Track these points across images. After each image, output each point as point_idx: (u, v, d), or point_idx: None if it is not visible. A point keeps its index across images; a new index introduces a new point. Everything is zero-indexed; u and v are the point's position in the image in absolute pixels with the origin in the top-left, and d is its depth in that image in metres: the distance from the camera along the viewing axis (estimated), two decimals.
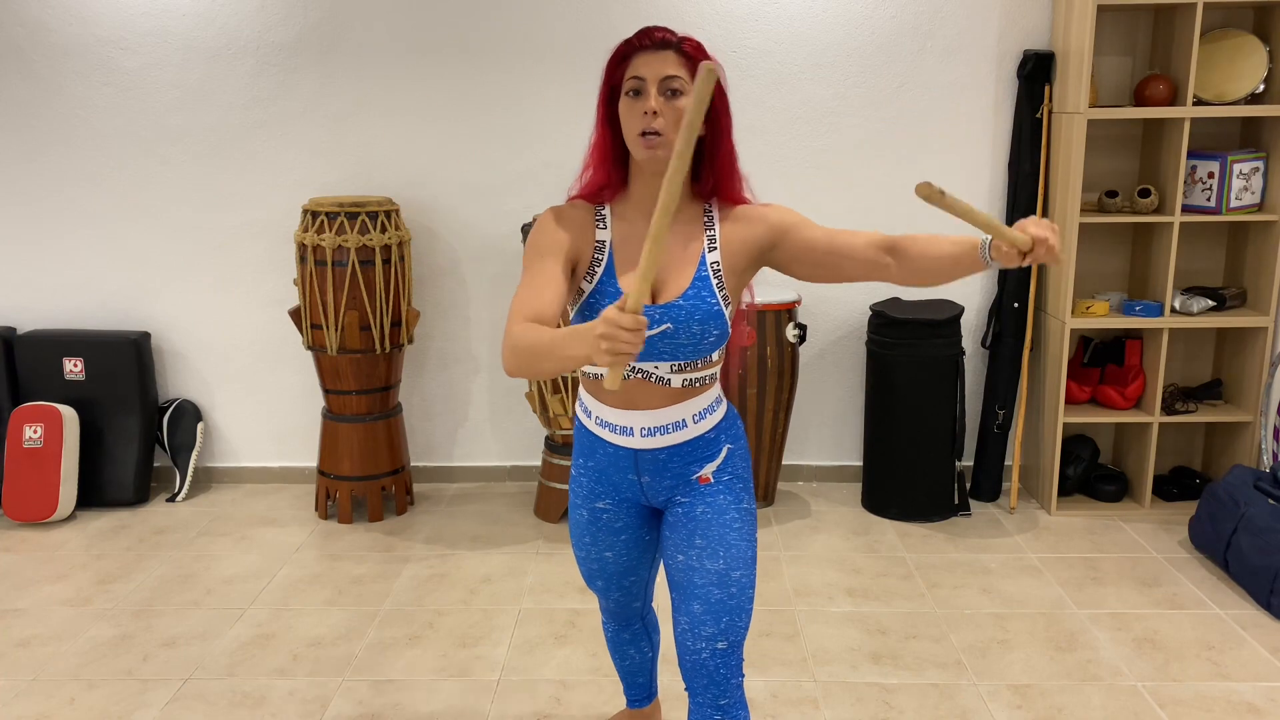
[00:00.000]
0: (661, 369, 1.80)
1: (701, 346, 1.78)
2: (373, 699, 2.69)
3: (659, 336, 1.74)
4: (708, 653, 1.81)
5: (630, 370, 1.79)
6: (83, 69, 3.92)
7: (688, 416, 1.85)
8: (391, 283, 3.70)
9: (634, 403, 1.84)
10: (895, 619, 3.09)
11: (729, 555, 1.83)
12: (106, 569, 3.47)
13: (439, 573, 3.43)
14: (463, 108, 3.93)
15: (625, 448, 1.88)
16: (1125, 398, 3.83)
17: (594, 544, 2.04)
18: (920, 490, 3.81)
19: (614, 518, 2.00)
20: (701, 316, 1.75)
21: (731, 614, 1.82)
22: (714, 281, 1.77)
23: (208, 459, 4.24)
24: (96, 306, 4.12)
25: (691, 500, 1.88)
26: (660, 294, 1.77)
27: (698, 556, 1.84)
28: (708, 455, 1.89)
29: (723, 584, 1.81)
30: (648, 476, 1.91)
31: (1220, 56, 3.61)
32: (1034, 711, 2.62)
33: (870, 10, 3.83)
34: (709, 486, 1.88)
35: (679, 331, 1.75)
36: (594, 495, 1.99)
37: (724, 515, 1.86)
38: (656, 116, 1.68)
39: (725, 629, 1.81)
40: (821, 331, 4.05)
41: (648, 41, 1.71)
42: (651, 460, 1.88)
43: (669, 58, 1.70)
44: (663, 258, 1.59)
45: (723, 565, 1.82)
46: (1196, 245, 3.90)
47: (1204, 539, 3.46)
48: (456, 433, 4.23)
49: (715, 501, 1.87)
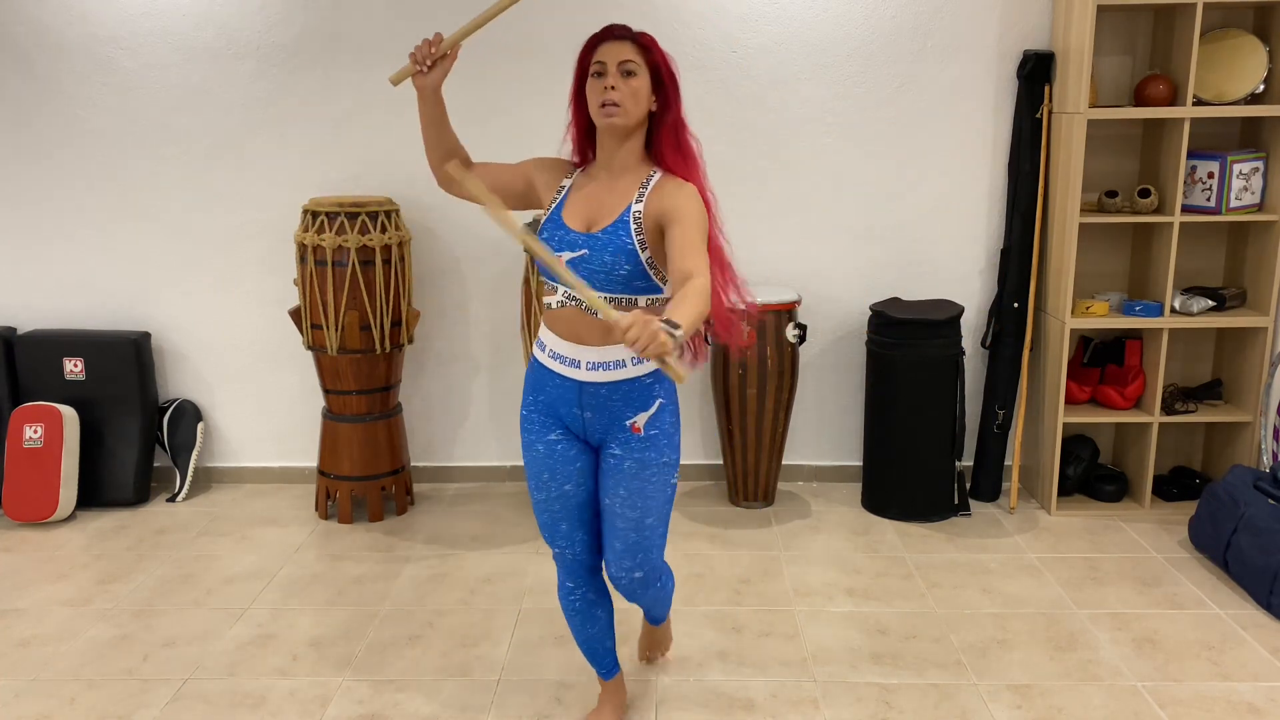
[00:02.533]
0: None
1: (614, 277, 2.07)
2: (373, 699, 2.70)
3: (579, 262, 2.08)
4: (627, 580, 2.28)
5: (566, 298, 2.13)
6: (83, 69, 3.92)
7: (626, 358, 2.13)
8: (391, 283, 3.70)
9: (579, 336, 2.14)
10: (895, 619, 3.09)
11: (644, 505, 2.21)
12: (106, 569, 3.47)
13: (439, 573, 3.43)
14: (463, 107, 3.90)
15: (571, 379, 2.17)
16: (1125, 398, 3.83)
17: (553, 478, 2.26)
18: (920, 490, 3.81)
19: (568, 447, 2.25)
20: (614, 249, 2.07)
21: (645, 551, 2.25)
22: (633, 226, 2.08)
23: (208, 459, 4.24)
24: (96, 306, 4.13)
25: (622, 453, 2.19)
26: (591, 227, 2.12)
27: (619, 504, 2.21)
28: (642, 402, 2.18)
29: (638, 529, 2.22)
30: (589, 412, 2.19)
31: (1220, 56, 3.62)
32: (1034, 711, 2.62)
33: (870, 10, 3.83)
34: (637, 440, 2.18)
35: (592, 258, 2.07)
36: (545, 428, 2.25)
37: (645, 470, 2.19)
38: (614, 90, 2.06)
39: (640, 563, 2.26)
40: (821, 331, 4.05)
41: (610, 35, 2.11)
42: (593, 395, 2.17)
43: (626, 46, 2.09)
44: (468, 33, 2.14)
45: (638, 514, 2.21)
46: (1196, 245, 3.90)
47: (1204, 539, 3.46)
48: (456, 433, 4.23)
49: (641, 456, 2.18)
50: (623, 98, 2.06)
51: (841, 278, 4.02)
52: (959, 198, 3.96)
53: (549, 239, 2.13)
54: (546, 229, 2.16)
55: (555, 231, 2.13)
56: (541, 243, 2.08)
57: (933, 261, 4.01)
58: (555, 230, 2.13)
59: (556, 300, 2.16)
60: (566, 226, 2.13)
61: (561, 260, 2.05)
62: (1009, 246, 3.89)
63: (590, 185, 2.17)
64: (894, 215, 3.97)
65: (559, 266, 1.90)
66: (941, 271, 4.02)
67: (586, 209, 2.14)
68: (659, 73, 2.11)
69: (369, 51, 3.88)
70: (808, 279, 4.01)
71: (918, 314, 3.71)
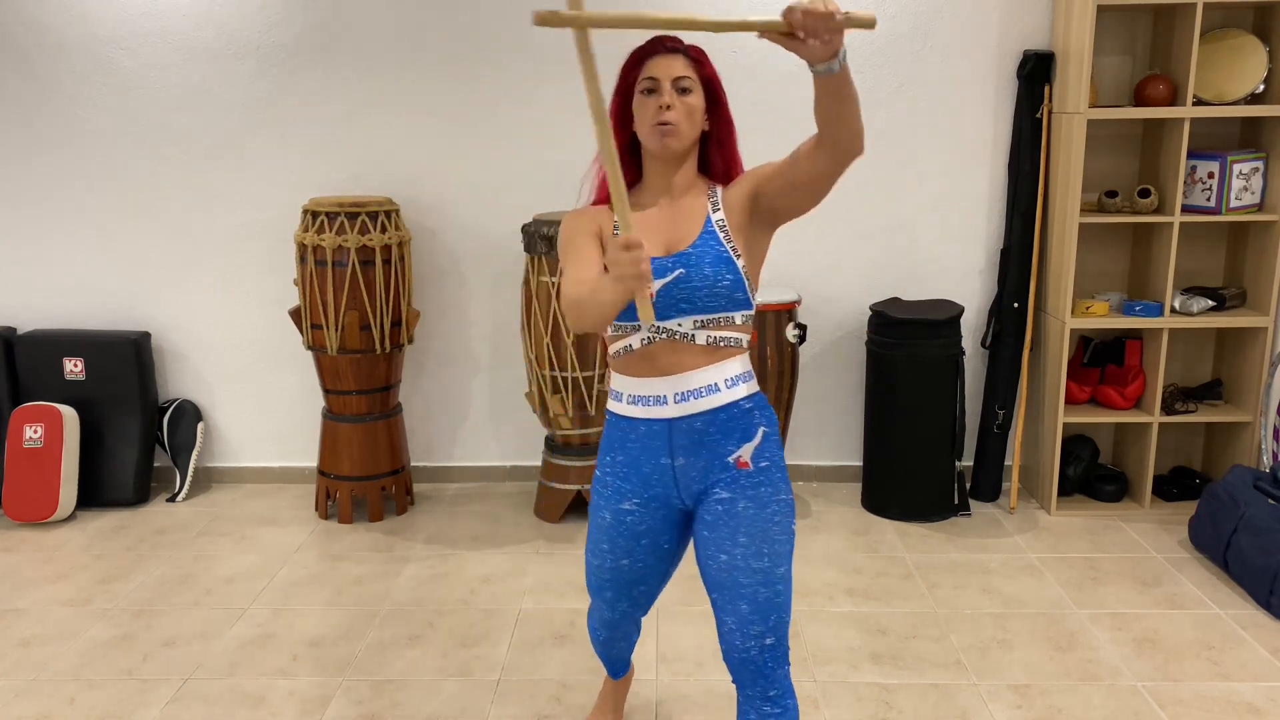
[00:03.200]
0: (685, 324, 1.87)
1: (716, 291, 1.86)
2: (373, 699, 2.70)
3: (675, 285, 1.85)
4: (756, 649, 1.87)
5: (655, 331, 1.88)
6: (83, 69, 3.92)
7: (719, 380, 1.89)
8: (392, 283, 3.70)
9: (664, 369, 1.90)
10: (895, 619, 3.09)
11: (773, 552, 1.88)
12: (106, 569, 3.47)
13: (439, 573, 3.43)
14: (463, 107, 3.93)
15: (659, 420, 1.91)
16: (1125, 398, 3.83)
17: (611, 550, 2.05)
18: (920, 490, 3.81)
19: (638, 520, 2.01)
20: (712, 260, 1.86)
21: (778, 610, 1.88)
22: (720, 234, 1.89)
23: (208, 459, 4.24)
24: (96, 306, 4.13)
25: (733, 495, 1.90)
26: (672, 248, 1.90)
27: (743, 555, 1.87)
28: (743, 432, 1.92)
29: (768, 582, 1.87)
30: (682, 458, 1.93)
31: (1220, 56, 3.62)
32: (1034, 711, 2.62)
33: (870, 10, 3.83)
34: (747, 476, 1.91)
35: (692, 275, 1.85)
36: (620, 495, 2.00)
37: (766, 509, 1.89)
38: (670, 109, 1.86)
39: (773, 626, 1.87)
40: (821, 331, 4.05)
41: (660, 48, 1.90)
42: (686, 432, 1.91)
43: (679, 61, 1.89)
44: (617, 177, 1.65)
45: (768, 564, 1.87)
46: (1196, 245, 3.90)
47: (1204, 539, 3.46)
48: (456, 433, 4.23)
49: (757, 495, 1.90)
50: (679, 117, 1.86)
51: (841, 278, 4.02)
52: (959, 198, 3.96)
53: None
54: None
55: None
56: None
57: (933, 261, 4.01)
58: None
59: (641, 338, 1.90)
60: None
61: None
62: (1009, 246, 3.89)
63: (647, 213, 1.94)
64: (894, 215, 3.97)
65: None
66: (941, 271, 4.02)
67: (658, 234, 1.91)
68: (713, 88, 1.93)
69: (369, 51, 3.88)
70: (808, 279, 4.01)
71: (918, 314, 3.71)
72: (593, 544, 2.09)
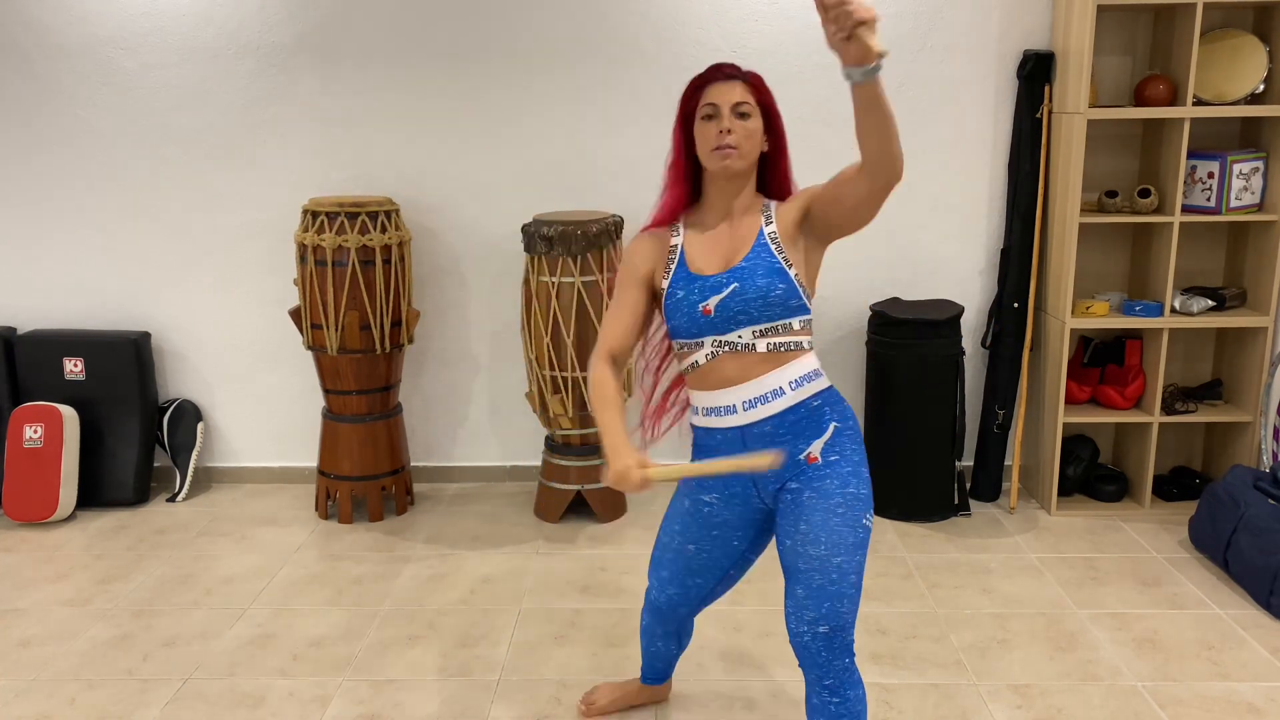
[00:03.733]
0: (745, 335, 1.99)
1: (770, 301, 1.98)
2: (373, 699, 2.70)
3: (731, 299, 1.98)
4: (809, 635, 1.96)
5: (718, 346, 2.01)
6: (83, 69, 3.92)
7: (783, 384, 2.00)
8: (391, 283, 3.70)
9: (729, 379, 2.02)
10: (895, 619, 3.09)
11: (830, 541, 1.96)
12: (106, 569, 3.47)
13: (439, 573, 3.43)
14: (463, 108, 3.93)
15: (731, 428, 2.03)
16: (1125, 398, 3.83)
17: (683, 533, 2.19)
18: (920, 490, 3.81)
19: (714, 512, 2.14)
20: (765, 271, 1.98)
21: (833, 599, 1.95)
22: (772, 247, 2.01)
23: (208, 459, 4.25)
24: (96, 306, 4.13)
25: (800, 485, 2.02)
26: (726, 265, 2.02)
27: (801, 542, 1.99)
28: (814, 429, 2.02)
29: (823, 570, 1.95)
30: None
31: (1220, 56, 3.62)
32: (1034, 711, 2.62)
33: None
34: (816, 469, 2.01)
35: (746, 288, 1.97)
36: (703, 487, 2.14)
37: (828, 500, 1.99)
38: (730, 134, 1.98)
39: (826, 614, 1.94)
40: (821, 331, 4.05)
41: (719, 75, 2.03)
42: (758, 437, 2.02)
43: (737, 87, 2.01)
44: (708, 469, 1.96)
45: (824, 551, 1.96)
46: (1196, 245, 3.90)
47: (1204, 539, 3.46)
48: (456, 433, 4.23)
49: (822, 486, 2.00)
50: (739, 140, 1.99)
51: (841, 277, 4.01)
52: (959, 198, 3.96)
53: (688, 296, 2.01)
54: (681, 287, 2.03)
55: (692, 284, 2.01)
56: (734, 460, 1.96)
57: (933, 261, 4.01)
58: (691, 284, 2.01)
59: (706, 354, 2.03)
60: (698, 275, 2.02)
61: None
62: (1009, 246, 3.89)
63: (709, 233, 2.07)
64: (894, 215, 3.97)
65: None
66: (941, 271, 4.02)
67: (716, 253, 2.04)
68: (769, 113, 2.06)
69: (369, 51, 3.88)
70: None
71: (918, 314, 3.71)
72: (667, 523, 2.25)
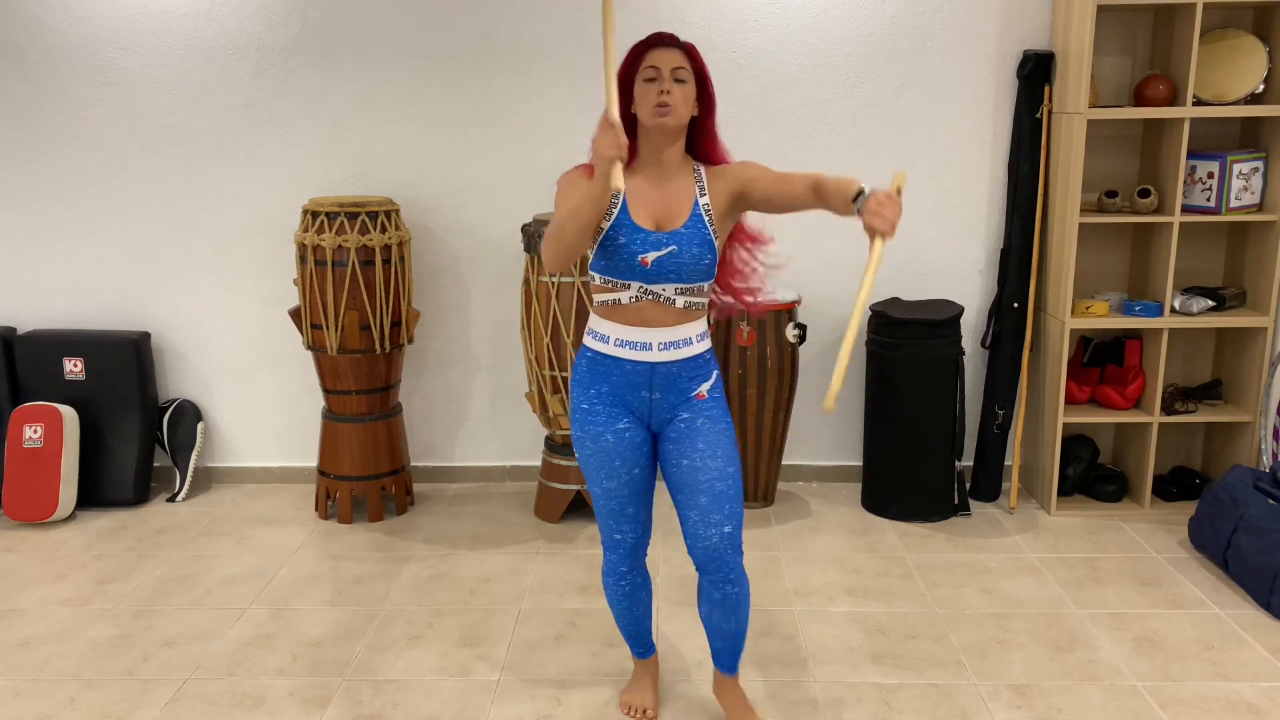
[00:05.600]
0: (668, 290, 2.24)
1: (699, 268, 2.24)
2: (373, 699, 2.70)
3: (667, 259, 2.22)
4: (717, 537, 2.27)
5: (644, 292, 2.25)
6: (83, 69, 3.92)
7: (692, 335, 2.30)
8: (391, 283, 3.70)
9: (649, 321, 2.27)
10: (895, 619, 3.09)
11: (725, 455, 2.29)
12: (106, 569, 3.47)
13: (439, 573, 3.43)
14: (463, 108, 3.93)
15: (643, 362, 2.28)
16: (1125, 398, 3.83)
17: (624, 464, 2.33)
18: (920, 490, 3.81)
19: (635, 433, 2.33)
20: (699, 241, 2.24)
21: (731, 501, 2.28)
22: (705, 218, 2.27)
23: (208, 459, 4.24)
24: (96, 306, 4.13)
25: (691, 415, 2.31)
26: (666, 226, 2.25)
27: (701, 457, 2.27)
28: (703, 374, 2.34)
29: (723, 477, 2.27)
30: (659, 393, 2.30)
31: (1220, 56, 3.62)
32: (1034, 711, 2.62)
33: (870, 10, 3.83)
34: (704, 404, 2.32)
35: (682, 253, 2.22)
36: (613, 417, 2.32)
37: (718, 424, 2.32)
38: (668, 94, 2.20)
39: (729, 514, 2.27)
40: (821, 331, 4.05)
41: (660, 42, 2.26)
42: (665, 374, 2.29)
43: (676, 54, 2.25)
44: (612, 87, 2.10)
45: (721, 463, 2.28)
46: (1196, 245, 3.90)
47: (1204, 539, 3.46)
48: (456, 433, 4.23)
49: (711, 414, 2.32)
50: (676, 102, 2.20)
51: (841, 278, 4.01)
52: (959, 198, 3.96)
53: (630, 242, 2.22)
54: (624, 233, 2.23)
55: (634, 235, 2.22)
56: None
57: (933, 261, 4.01)
58: (634, 234, 2.22)
59: (630, 296, 2.26)
60: (642, 228, 2.23)
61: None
62: (1009, 246, 3.89)
63: (642, 186, 2.28)
64: None
65: None
66: (941, 271, 4.02)
67: (650, 209, 2.26)
68: (702, 80, 2.27)
69: (369, 51, 3.88)
70: (808, 279, 4.01)
71: (918, 314, 3.71)
72: (603, 467, 2.34)
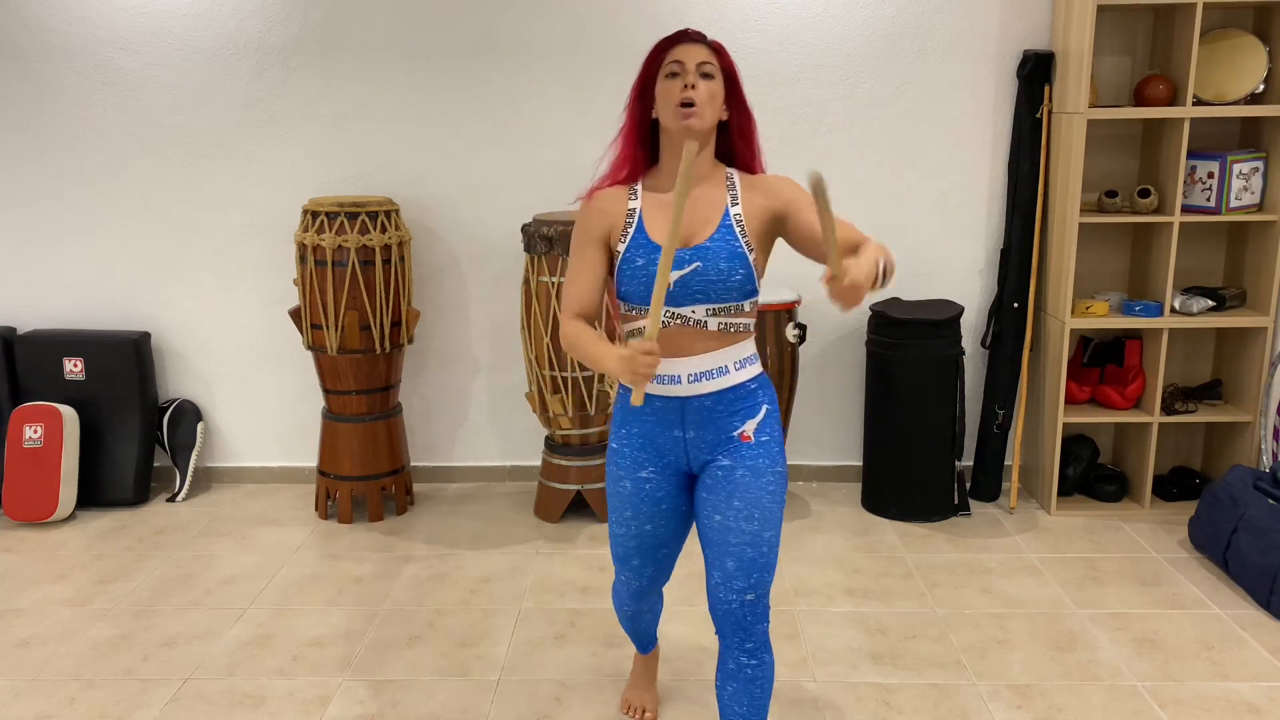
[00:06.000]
0: (698, 312, 2.00)
1: (730, 285, 1.99)
2: (373, 699, 2.70)
3: (691, 277, 1.98)
4: (738, 604, 2.05)
5: (670, 317, 2.01)
6: (83, 69, 3.92)
7: (729, 363, 2.05)
8: (391, 283, 3.70)
9: (679, 350, 2.03)
10: (895, 619, 3.09)
11: (763, 517, 2.04)
12: (106, 569, 3.47)
13: (439, 573, 3.43)
14: (463, 108, 3.93)
15: (673, 398, 2.06)
16: (1125, 398, 3.83)
17: (635, 517, 2.17)
18: (920, 490, 3.81)
19: (656, 487, 2.15)
20: (727, 255, 1.99)
21: (760, 570, 2.05)
22: (737, 229, 2.01)
23: (208, 459, 4.24)
24: (96, 306, 4.13)
25: (732, 463, 2.06)
26: (690, 241, 2.01)
27: (734, 517, 2.04)
28: (748, 410, 2.07)
29: (755, 544, 2.04)
30: (693, 431, 2.08)
31: (1220, 56, 3.62)
32: (1034, 711, 2.62)
33: (870, 10, 3.83)
34: (748, 448, 2.06)
35: (708, 269, 1.98)
36: (637, 464, 2.14)
37: (761, 479, 2.05)
38: (694, 89, 1.97)
39: (754, 584, 2.04)
40: (821, 331, 4.05)
41: (684, 38, 2.05)
42: (698, 410, 2.06)
43: (702, 49, 2.03)
44: (679, 237, 1.85)
45: (756, 527, 2.03)
46: (1196, 245, 3.90)
47: (1204, 539, 3.46)
48: (456, 433, 4.23)
49: (755, 465, 2.06)
50: (702, 100, 1.98)
51: None
52: (959, 198, 3.96)
53: (650, 263, 2.00)
54: (642, 254, 2.01)
55: (654, 254, 1.99)
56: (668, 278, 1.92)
57: (933, 261, 4.01)
58: (653, 253, 1.99)
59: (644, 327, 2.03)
60: (661, 246, 2.00)
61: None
62: (1009, 246, 3.89)
63: (663, 199, 2.06)
64: (894, 215, 3.97)
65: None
66: (941, 271, 4.02)
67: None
68: (732, 79, 2.05)
69: (369, 51, 3.88)
70: (808, 279, 4.01)
71: (918, 314, 3.71)
72: (616, 514, 2.21)
